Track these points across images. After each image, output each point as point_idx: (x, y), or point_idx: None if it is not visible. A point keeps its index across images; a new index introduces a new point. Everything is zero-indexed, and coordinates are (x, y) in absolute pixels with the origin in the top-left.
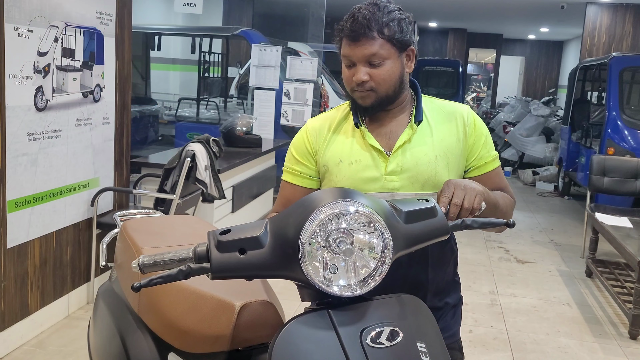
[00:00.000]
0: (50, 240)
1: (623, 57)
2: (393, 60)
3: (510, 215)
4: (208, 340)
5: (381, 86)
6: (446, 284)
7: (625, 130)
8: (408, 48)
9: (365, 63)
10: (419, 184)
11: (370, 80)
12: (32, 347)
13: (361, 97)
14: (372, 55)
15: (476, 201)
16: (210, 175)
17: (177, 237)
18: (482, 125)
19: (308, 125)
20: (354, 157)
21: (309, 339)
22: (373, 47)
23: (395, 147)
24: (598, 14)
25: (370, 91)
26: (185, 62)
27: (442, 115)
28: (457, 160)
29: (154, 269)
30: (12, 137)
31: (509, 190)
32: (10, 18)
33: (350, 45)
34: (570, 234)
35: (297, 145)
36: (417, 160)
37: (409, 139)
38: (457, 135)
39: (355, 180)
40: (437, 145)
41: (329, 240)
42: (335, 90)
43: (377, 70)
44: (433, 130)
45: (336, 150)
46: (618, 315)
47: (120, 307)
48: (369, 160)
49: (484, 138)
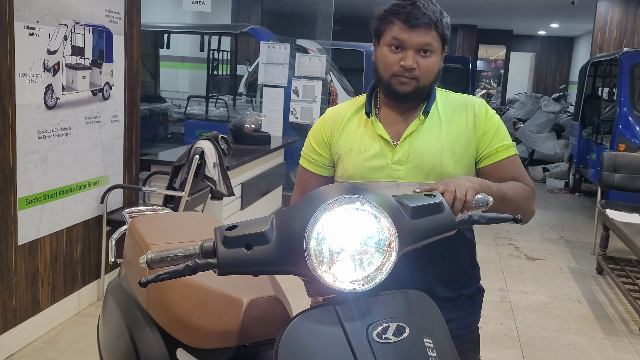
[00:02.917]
0: (60, 237)
1: (634, 52)
2: (438, 55)
3: (527, 205)
4: (216, 336)
5: (424, 76)
6: (460, 274)
7: (637, 126)
8: (445, 46)
9: (417, 51)
10: (423, 173)
11: (418, 69)
12: (43, 343)
13: (401, 83)
14: (427, 44)
15: (468, 194)
16: (219, 172)
17: (186, 233)
18: (494, 115)
19: (326, 115)
20: (363, 146)
21: (315, 334)
22: (429, 37)
23: (403, 137)
24: (609, 9)
25: (413, 79)
26: (194, 60)
27: (453, 107)
28: (464, 151)
29: (162, 264)
30: (22, 135)
31: (525, 179)
32: (20, 17)
33: (406, 30)
34: (580, 230)
35: (315, 134)
36: (422, 151)
37: (416, 129)
38: (466, 127)
39: (362, 168)
40: (445, 136)
41: (335, 235)
42: (344, 87)
43: (425, 60)
44: (442, 122)
45: (348, 139)
46: (629, 312)
47: (128, 303)
48: (377, 149)
49: (496, 128)
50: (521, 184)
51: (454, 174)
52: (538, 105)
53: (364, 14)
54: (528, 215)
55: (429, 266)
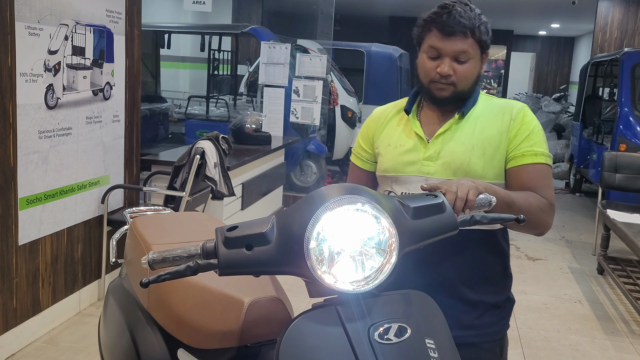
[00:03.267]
0: (61, 237)
1: (635, 52)
2: (475, 60)
3: (539, 217)
4: (217, 336)
5: (462, 82)
6: (488, 280)
7: (638, 126)
8: (486, 51)
9: (453, 58)
10: (451, 170)
11: (454, 75)
12: (44, 343)
13: (439, 89)
14: (462, 52)
15: (470, 194)
16: (220, 172)
17: (187, 233)
18: (531, 120)
19: (373, 114)
20: (399, 141)
21: (316, 335)
22: (464, 44)
23: (436, 135)
24: (610, 9)
25: (450, 85)
26: (194, 60)
27: (493, 110)
28: (494, 151)
29: (163, 265)
30: (23, 135)
31: (545, 191)
32: (21, 17)
33: (443, 39)
34: (581, 231)
35: (362, 132)
36: (453, 149)
37: (449, 128)
38: (500, 128)
39: (396, 162)
40: (477, 136)
41: (335, 236)
42: (344, 87)
43: (461, 67)
44: (477, 122)
45: (387, 135)
46: (630, 312)
47: (130, 303)
48: (411, 144)
49: (529, 132)
50: (536, 195)
51: (482, 174)
52: (539, 105)
53: (364, 14)
54: (541, 227)
55: (455, 266)
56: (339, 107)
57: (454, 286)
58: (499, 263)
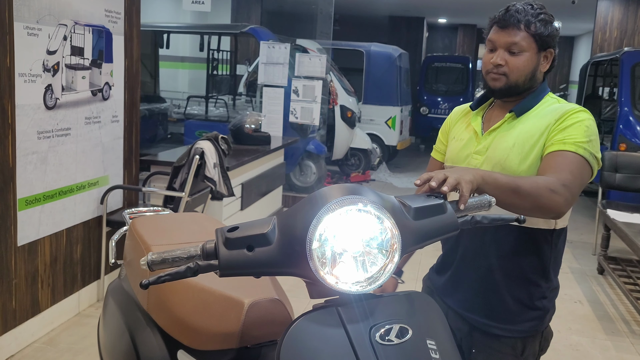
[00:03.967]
0: (60, 238)
1: (635, 52)
2: (531, 54)
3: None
4: (217, 338)
5: (513, 73)
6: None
7: (638, 125)
8: (547, 49)
9: (506, 50)
10: (490, 164)
11: (505, 66)
12: (43, 344)
13: (493, 79)
14: (514, 43)
15: (464, 188)
16: (219, 172)
17: (186, 234)
18: (577, 116)
19: (454, 110)
20: (460, 135)
21: (317, 336)
22: (516, 37)
23: (489, 131)
24: (609, 8)
25: (502, 75)
26: (194, 60)
27: (548, 110)
28: (531, 148)
29: (162, 266)
30: (22, 135)
31: (562, 174)
32: (20, 17)
33: (497, 32)
34: (581, 231)
35: (442, 127)
36: (497, 144)
37: (501, 125)
38: (543, 127)
39: (454, 154)
40: (521, 134)
41: (337, 236)
42: (344, 87)
43: (513, 59)
44: (527, 121)
45: (456, 129)
46: (630, 312)
47: (129, 304)
48: (467, 138)
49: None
50: (546, 177)
51: (517, 170)
52: None
53: (364, 14)
54: (555, 209)
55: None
56: (339, 107)
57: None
58: (537, 264)
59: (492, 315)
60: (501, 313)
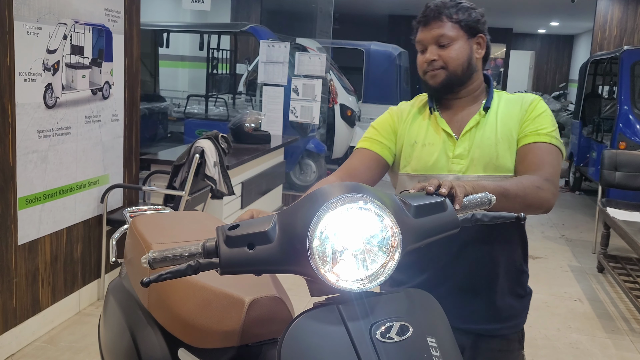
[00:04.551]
0: (60, 237)
1: (634, 50)
2: (462, 43)
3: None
4: (218, 336)
5: (450, 64)
6: (514, 272)
7: (637, 124)
8: (478, 35)
9: (435, 44)
10: (481, 166)
11: (440, 59)
12: (44, 343)
13: (432, 77)
14: (441, 36)
15: (457, 190)
16: (219, 171)
17: (187, 232)
18: (542, 107)
19: (392, 109)
20: (428, 139)
21: (318, 333)
22: (442, 29)
23: (463, 132)
24: (609, 7)
25: (440, 69)
26: (193, 59)
27: (510, 103)
28: (515, 142)
29: (163, 264)
30: (22, 134)
31: (544, 169)
32: (20, 16)
33: (422, 31)
34: (581, 229)
35: (380, 122)
36: (480, 144)
37: (476, 124)
38: (519, 117)
39: (425, 161)
40: (500, 129)
41: (338, 234)
42: (343, 85)
43: (445, 51)
44: (498, 116)
45: (413, 132)
46: (630, 310)
47: (130, 302)
48: (440, 143)
49: (536, 115)
50: (529, 176)
51: (511, 166)
52: None
53: (363, 13)
54: (544, 205)
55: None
56: (339, 105)
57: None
58: (520, 250)
59: (497, 317)
60: (504, 311)
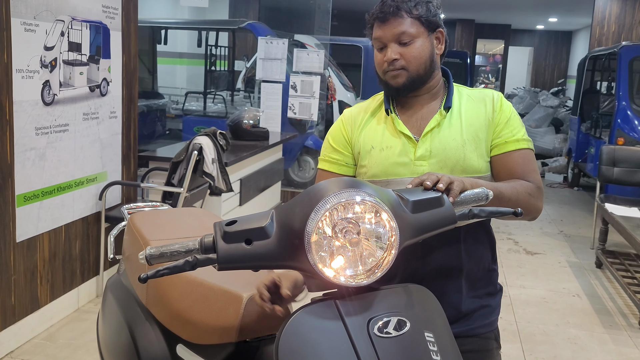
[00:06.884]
0: (59, 234)
1: (633, 46)
2: (423, 40)
3: (529, 203)
4: (216, 332)
5: (412, 64)
6: (484, 271)
7: (635, 120)
8: (437, 30)
9: (396, 42)
10: (447, 168)
11: (401, 59)
12: (42, 340)
13: (393, 77)
14: (402, 33)
15: (455, 185)
16: (218, 168)
17: (185, 229)
18: (508, 106)
19: (344, 114)
20: (385, 143)
21: (316, 329)
22: (402, 25)
23: (424, 133)
24: (607, 3)
25: (402, 70)
26: (191, 55)
27: (472, 101)
28: (485, 143)
29: (161, 260)
30: (20, 131)
31: (532, 176)
32: (17, 13)
33: (380, 27)
34: (579, 225)
35: (334, 134)
36: (445, 145)
37: (437, 124)
38: (485, 119)
39: (385, 165)
40: (466, 130)
41: (335, 230)
42: (342, 82)
43: (407, 49)
44: (462, 116)
45: (368, 136)
46: (628, 306)
47: (128, 299)
48: (399, 146)
49: (507, 119)
50: (523, 182)
51: (478, 167)
52: (536, 99)
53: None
54: (533, 212)
55: (454, 261)
56: (337, 102)
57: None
58: (489, 249)
59: (469, 317)
60: (477, 310)
